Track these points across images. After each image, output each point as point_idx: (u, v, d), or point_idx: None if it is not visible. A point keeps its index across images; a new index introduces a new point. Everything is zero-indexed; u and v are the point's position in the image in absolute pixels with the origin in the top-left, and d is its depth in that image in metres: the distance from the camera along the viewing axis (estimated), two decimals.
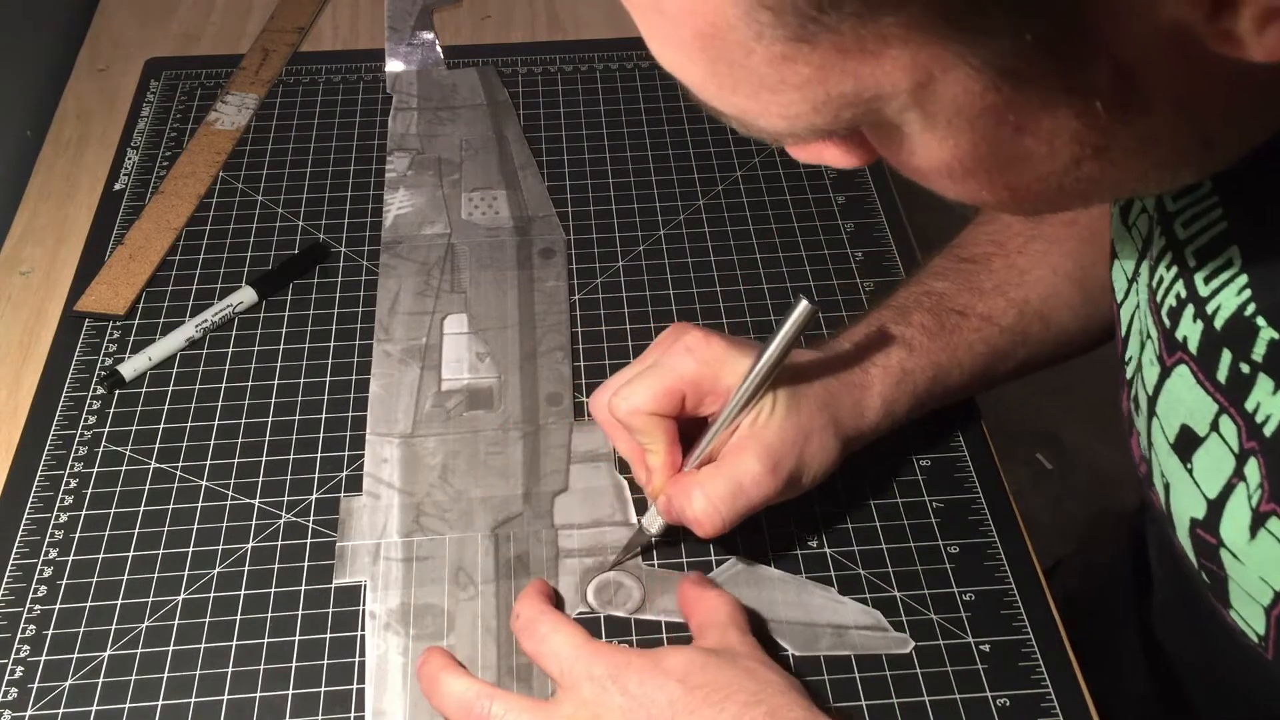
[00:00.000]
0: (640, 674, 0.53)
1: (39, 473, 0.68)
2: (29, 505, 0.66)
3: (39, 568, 0.64)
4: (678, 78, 0.38)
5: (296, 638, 0.61)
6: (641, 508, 0.66)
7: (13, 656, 0.60)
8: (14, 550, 0.64)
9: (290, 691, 0.59)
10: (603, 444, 0.69)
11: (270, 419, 0.71)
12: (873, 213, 0.83)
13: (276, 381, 0.73)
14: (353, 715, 0.58)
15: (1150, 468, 0.53)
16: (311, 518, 0.66)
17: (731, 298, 0.77)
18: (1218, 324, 0.45)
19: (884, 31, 0.33)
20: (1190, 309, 0.47)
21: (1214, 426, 0.46)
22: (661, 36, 0.37)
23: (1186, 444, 0.48)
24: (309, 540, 0.65)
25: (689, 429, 0.60)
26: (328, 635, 0.61)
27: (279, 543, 0.65)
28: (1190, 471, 0.48)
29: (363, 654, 0.60)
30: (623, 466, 0.68)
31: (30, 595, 0.62)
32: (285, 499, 0.67)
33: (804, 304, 0.54)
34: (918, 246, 0.81)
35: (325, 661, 0.60)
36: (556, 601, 0.61)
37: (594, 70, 0.95)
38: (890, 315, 0.65)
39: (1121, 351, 0.56)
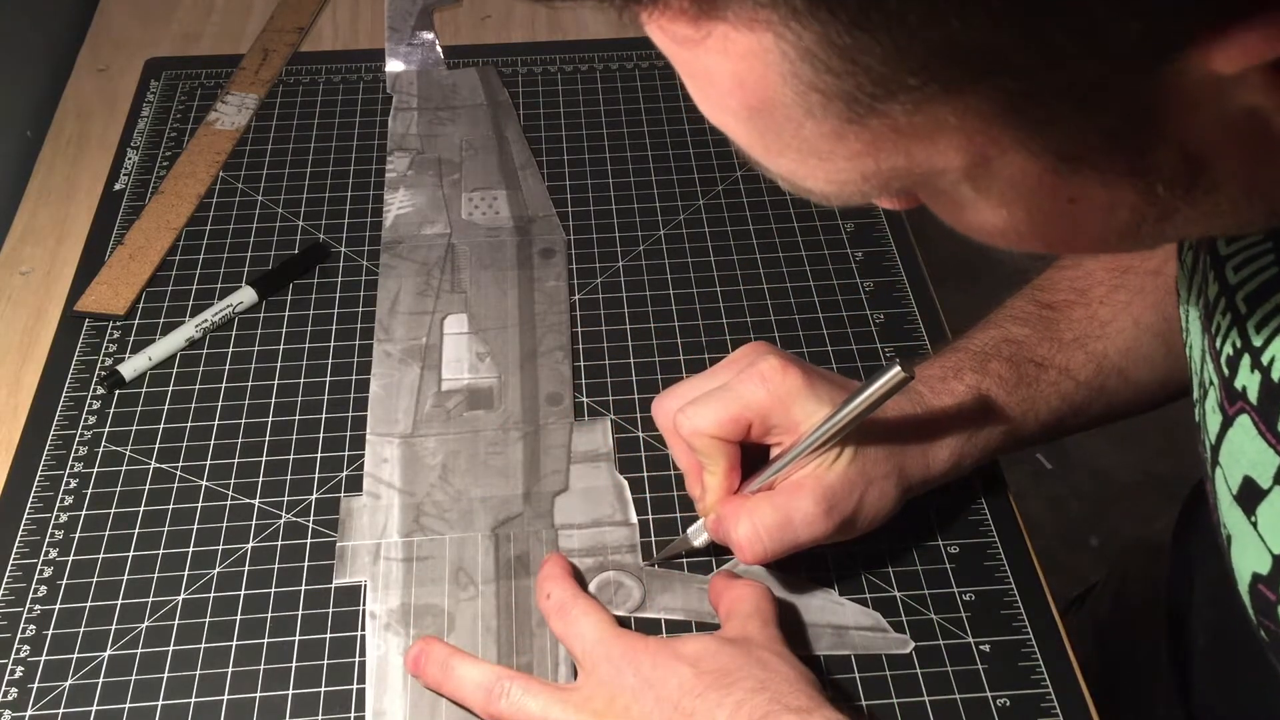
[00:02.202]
0: (654, 657, 0.54)
1: (39, 473, 0.68)
2: (29, 505, 0.66)
3: (39, 568, 0.64)
4: (724, 133, 0.37)
5: (296, 638, 0.61)
6: (642, 508, 0.66)
7: (13, 656, 0.60)
8: (14, 550, 0.64)
9: (290, 691, 0.59)
10: (603, 444, 0.69)
11: (270, 419, 0.71)
12: (873, 213, 0.83)
13: (276, 381, 0.73)
14: (353, 715, 0.58)
15: (1218, 517, 0.50)
16: (311, 518, 0.66)
17: (731, 298, 0.77)
18: (1275, 375, 0.43)
19: (940, 117, 0.32)
20: (1247, 359, 0.45)
21: (1277, 479, 0.44)
22: (711, 102, 0.36)
23: (1250, 496, 0.46)
24: (309, 540, 0.65)
25: (750, 451, 0.59)
26: (328, 635, 0.61)
27: (279, 543, 0.65)
28: (1254, 525, 0.46)
29: (363, 654, 0.60)
30: (622, 467, 0.68)
31: (30, 595, 0.62)
32: (285, 499, 0.67)
33: (897, 370, 0.53)
34: (918, 246, 0.81)
35: (325, 661, 0.60)
36: (575, 576, 0.61)
37: (594, 70, 0.95)
38: (969, 361, 0.62)
39: (1194, 392, 0.53)
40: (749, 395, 0.57)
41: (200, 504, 0.66)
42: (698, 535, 0.62)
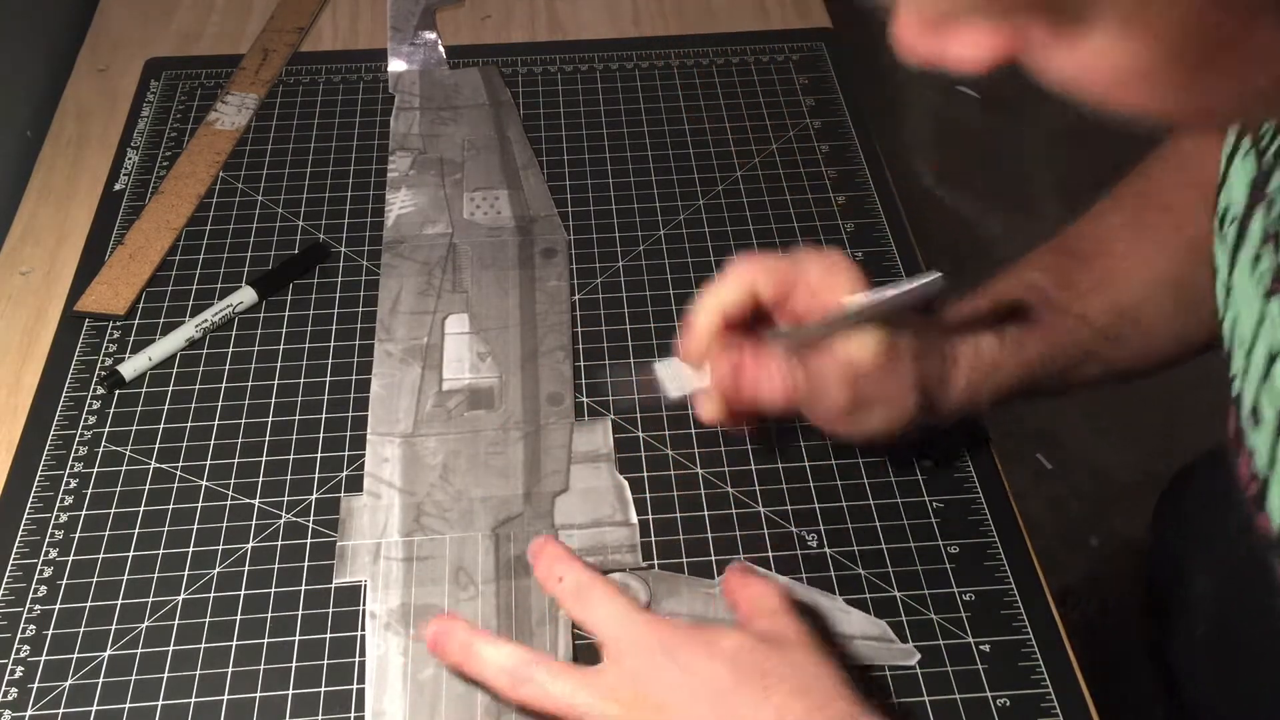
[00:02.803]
0: (691, 649, 0.52)
1: (39, 473, 0.68)
2: (29, 505, 0.66)
3: (39, 568, 0.64)
4: None
5: (296, 638, 0.61)
6: (642, 508, 0.66)
7: (13, 656, 0.60)
8: (14, 550, 0.64)
9: (290, 691, 0.59)
10: (603, 444, 0.69)
11: (270, 419, 0.71)
12: (873, 213, 0.83)
13: (276, 381, 0.73)
14: (353, 715, 0.58)
15: (1267, 488, 0.49)
16: (311, 518, 0.66)
17: None
18: None
19: None
20: None
21: None
22: None
23: None
24: (309, 540, 0.65)
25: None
26: (328, 635, 0.61)
27: (279, 543, 0.65)
28: None
29: (363, 654, 0.60)
30: (622, 467, 0.68)
31: (30, 595, 0.62)
32: (285, 499, 0.67)
33: (937, 276, 0.54)
34: (918, 246, 0.81)
35: (325, 661, 0.60)
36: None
37: (594, 70, 0.95)
38: (987, 301, 0.63)
39: (1229, 368, 0.52)
40: (803, 259, 0.58)
41: (200, 504, 0.66)
42: (675, 379, 0.61)
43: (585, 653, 0.60)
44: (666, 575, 0.63)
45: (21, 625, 0.61)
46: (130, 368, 0.72)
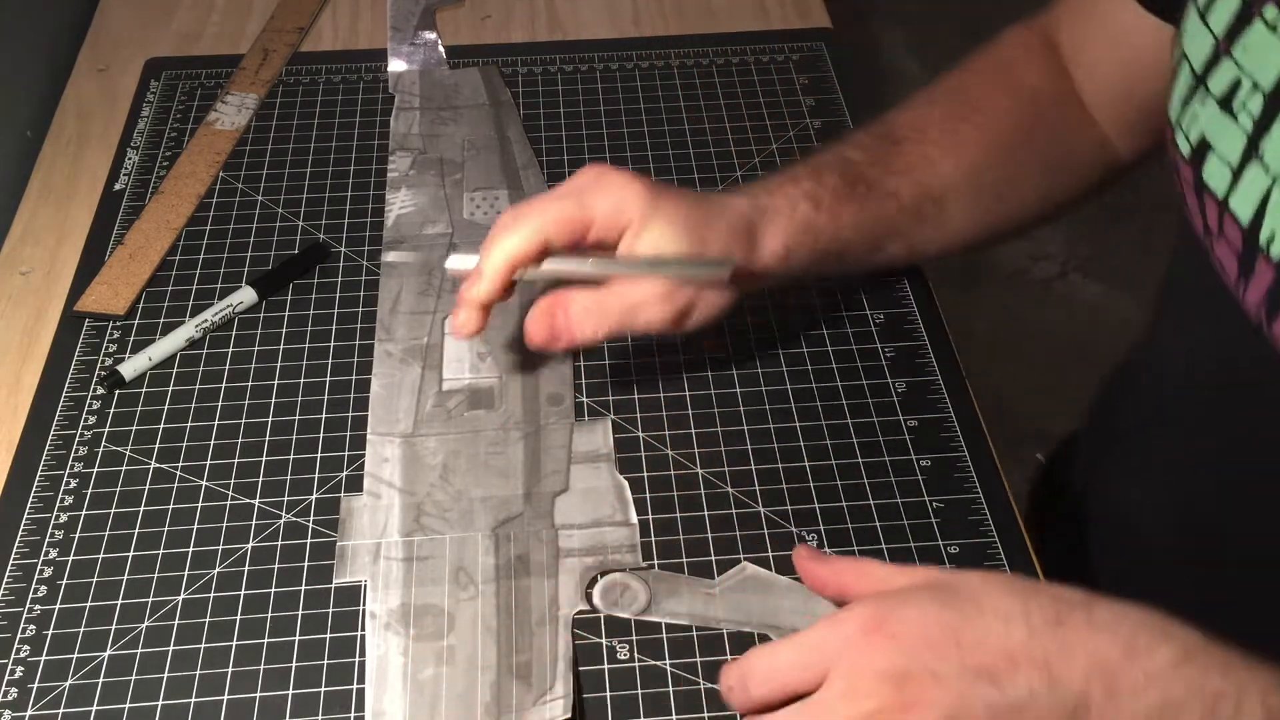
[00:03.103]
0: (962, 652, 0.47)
1: (39, 473, 0.68)
2: (29, 505, 0.66)
3: (39, 568, 0.64)
4: None
5: (296, 638, 0.61)
6: (642, 508, 0.66)
7: (13, 656, 0.60)
8: (14, 550, 0.64)
9: (290, 691, 0.59)
10: (603, 444, 0.69)
11: (270, 419, 0.71)
12: None
13: (276, 381, 0.73)
14: (353, 715, 0.58)
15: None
16: (311, 518, 0.66)
17: None
18: None
19: None
20: None
21: None
22: None
23: None
24: (309, 540, 0.65)
25: None
26: (328, 635, 0.61)
27: (279, 543, 0.65)
28: None
29: (363, 654, 0.60)
30: (622, 467, 0.68)
31: (30, 595, 0.62)
32: (285, 499, 0.67)
33: (730, 260, 0.63)
34: None
35: (325, 661, 0.60)
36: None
37: (594, 70, 0.95)
38: (805, 172, 0.68)
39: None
40: (589, 199, 0.62)
41: (200, 504, 0.66)
42: (457, 262, 0.65)
43: (585, 653, 0.60)
44: (667, 575, 0.63)
45: (21, 625, 0.61)
46: (130, 368, 0.72)
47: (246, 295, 0.76)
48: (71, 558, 0.64)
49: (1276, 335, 0.51)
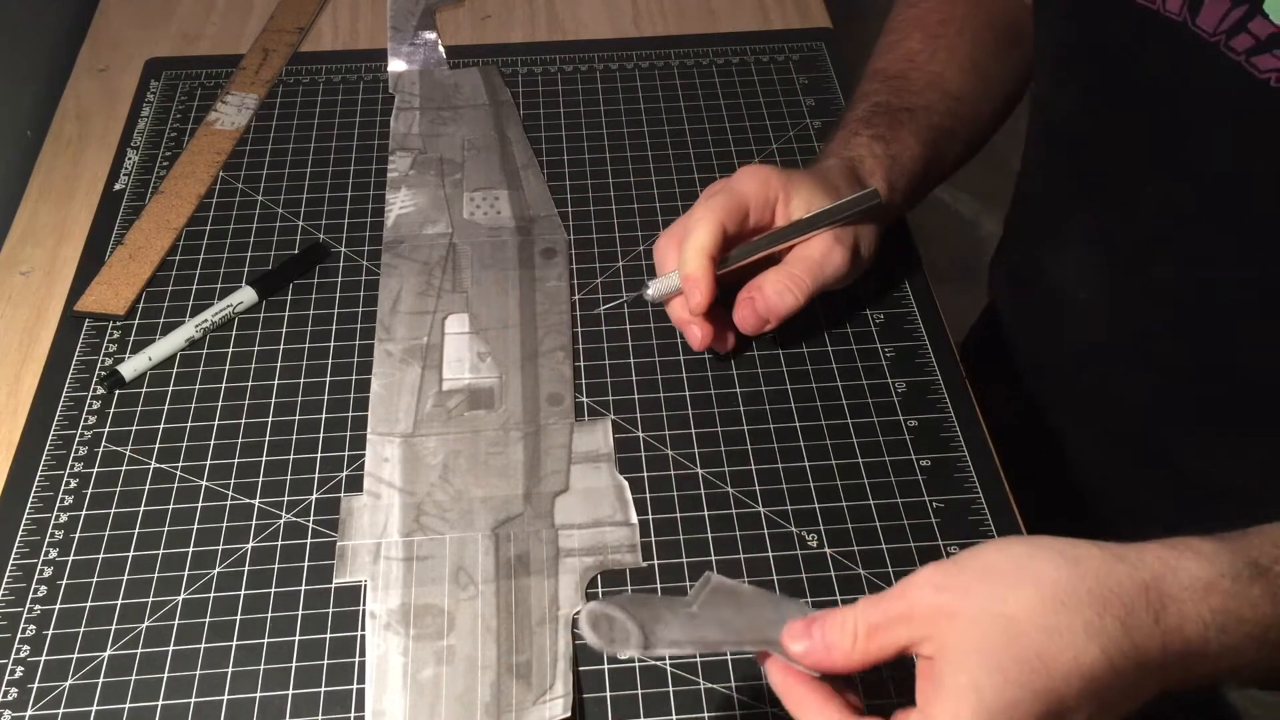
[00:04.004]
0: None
1: (39, 473, 0.68)
2: (29, 505, 0.66)
3: (39, 568, 0.64)
4: None
5: (296, 638, 0.61)
6: (642, 508, 0.66)
7: (13, 656, 0.60)
8: (14, 550, 0.64)
9: (290, 691, 0.59)
10: (603, 444, 0.69)
11: (270, 419, 0.71)
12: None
13: (276, 381, 0.73)
14: (353, 715, 0.58)
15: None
16: (311, 518, 0.66)
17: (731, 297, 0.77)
18: None
19: None
20: None
21: None
22: None
23: None
24: (309, 540, 0.65)
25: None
26: (328, 635, 0.61)
27: (279, 543, 0.65)
28: None
29: (363, 654, 0.60)
30: (622, 467, 0.68)
31: (30, 595, 0.62)
32: (285, 499, 0.67)
33: (873, 190, 0.71)
34: (918, 244, 0.81)
35: (325, 661, 0.60)
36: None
37: (594, 70, 0.95)
38: (855, 126, 0.76)
39: None
40: (739, 188, 0.69)
41: (200, 504, 0.66)
42: (659, 286, 0.70)
43: (585, 652, 0.60)
44: (641, 598, 0.52)
45: (21, 625, 0.61)
46: (130, 368, 0.72)
47: (246, 295, 0.76)
48: (71, 558, 0.64)
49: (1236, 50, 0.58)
